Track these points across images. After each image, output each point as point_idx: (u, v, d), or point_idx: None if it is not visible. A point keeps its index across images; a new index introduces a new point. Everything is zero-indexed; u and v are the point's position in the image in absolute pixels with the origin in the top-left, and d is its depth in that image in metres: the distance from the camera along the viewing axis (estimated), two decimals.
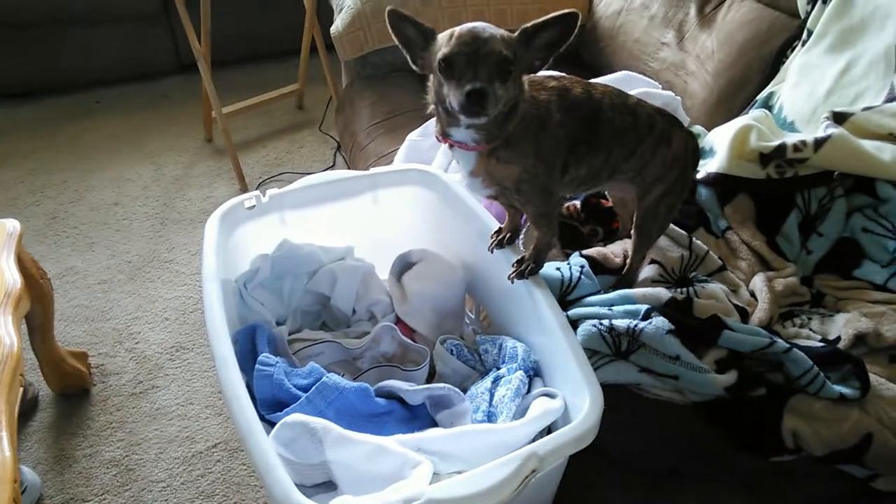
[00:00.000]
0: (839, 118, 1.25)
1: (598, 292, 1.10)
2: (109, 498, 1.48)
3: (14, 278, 1.33)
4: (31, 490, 1.45)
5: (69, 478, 1.52)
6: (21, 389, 1.34)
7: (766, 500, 1.02)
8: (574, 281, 1.08)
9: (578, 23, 0.85)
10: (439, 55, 0.84)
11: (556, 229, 1.04)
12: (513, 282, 1.03)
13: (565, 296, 1.09)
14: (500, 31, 0.85)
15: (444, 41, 0.85)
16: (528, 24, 0.86)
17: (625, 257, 1.15)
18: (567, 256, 1.18)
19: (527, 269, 1.03)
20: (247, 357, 1.02)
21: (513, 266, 1.04)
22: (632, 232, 1.12)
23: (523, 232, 1.15)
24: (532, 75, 0.96)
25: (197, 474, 1.53)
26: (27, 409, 1.65)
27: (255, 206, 1.14)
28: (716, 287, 1.12)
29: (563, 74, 1.04)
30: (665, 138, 1.05)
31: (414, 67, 0.92)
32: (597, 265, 1.12)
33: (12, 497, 0.98)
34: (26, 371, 1.63)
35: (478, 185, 0.99)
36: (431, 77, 0.90)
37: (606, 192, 1.24)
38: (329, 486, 0.92)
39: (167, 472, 1.53)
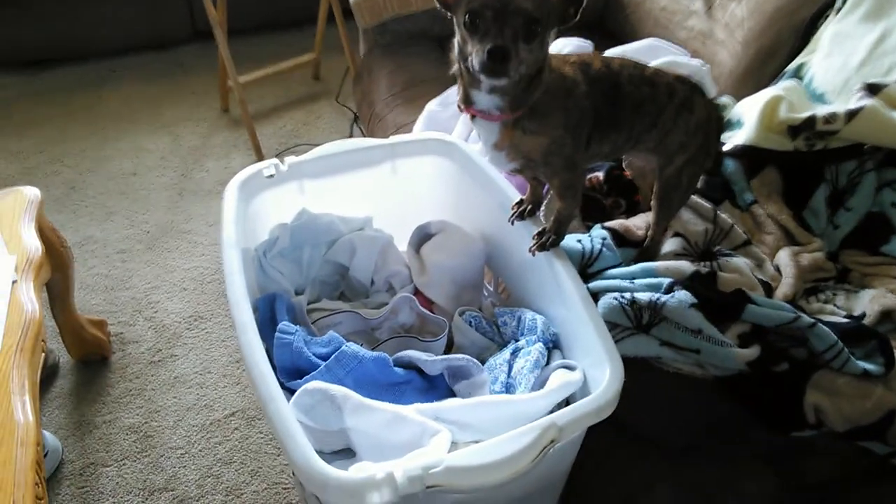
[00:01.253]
0: (873, 89, 1.21)
1: (619, 265, 1.08)
2: (129, 463, 1.50)
3: (35, 245, 1.33)
4: (53, 455, 1.48)
5: (89, 443, 1.55)
6: (42, 354, 1.35)
7: (786, 476, 1.01)
8: (595, 253, 1.07)
9: None
10: (466, 7, 0.80)
11: (581, 200, 1.02)
12: (534, 254, 1.02)
13: (586, 268, 1.07)
14: None
15: None
16: None
17: (647, 230, 1.14)
18: (588, 229, 1.16)
19: (548, 241, 1.01)
20: (266, 325, 1.03)
21: (533, 238, 1.03)
22: (652, 203, 1.10)
23: (545, 203, 1.13)
24: (553, 54, 0.94)
25: (215, 441, 1.55)
26: (48, 376, 1.68)
27: (274, 174, 1.13)
28: (740, 261, 1.10)
29: (581, 52, 1.01)
30: (687, 105, 1.03)
31: (439, 8, 0.87)
32: (618, 237, 1.11)
33: (35, 460, 1.00)
34: (47, 338, 1.65)
35: (502, 158, 0.96)
36: (457, 33, 0.87)
37: (624, 165, 1.22)
38: (348, 453, 0.92)
39: (185, 439, 1.55)
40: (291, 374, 0.96)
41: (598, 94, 0.95)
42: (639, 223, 1.16)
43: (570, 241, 1.08)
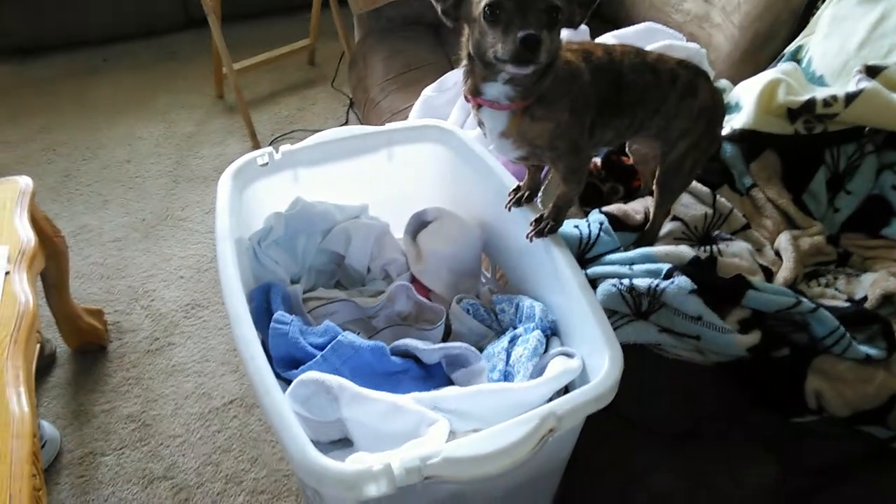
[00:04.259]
0: (872, 71, 1.20)
1: (617, 249, 1.08)
2: (128, 452, 1.50)
3: (28, 235, 1.32)
4: (51, 444, 1.48)
5: (88, 432, 1.54)
6: (38, 346, 1.34)
7: (786, 461, 1.01)
8: (593, 238, 1.06)
9: None
10: (484, 1, 0.79)
11: (583, 185, 1.01)
12: (531, 240, 1.01)
13: (584, 253, 1.06)
14: None
15: None
16: None
17: (646, 214, 1.13)
18: (586, 214, 1.15)
19: (546, 228, 1.00)
20: (262, 315, 1.02)
21: (531, 224, 1.02)
22: (654, 187, 1.09)
23: (542, 190, 1.12)
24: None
25: (214, 430, 1.54)
26: (45, 365, 1.67)
27: (267, 162, 1.12)
28: (740, 245, 1.10)
29: (582, 41, 1.00)
30: (690, 90, 1.02)
31: (444, 20, 0.88)
32: (617, 222, 1.10)
33: (32, 451, 0.99)
34: (43, 328, 1.64)
35: (508, 146, 0.95)
36: (467, 29, 0.86)
37: (627, 150, 1.21)
38: (345, 443, 0.92)
39: (184, 427, 1.55)
40: (288, 364, 0.96)
41: (601, 82, 0.94)
42: (637, 207, 1.15)
43: (568, 226, 1.07)
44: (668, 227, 1.12)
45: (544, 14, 0.78)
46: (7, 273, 1.24)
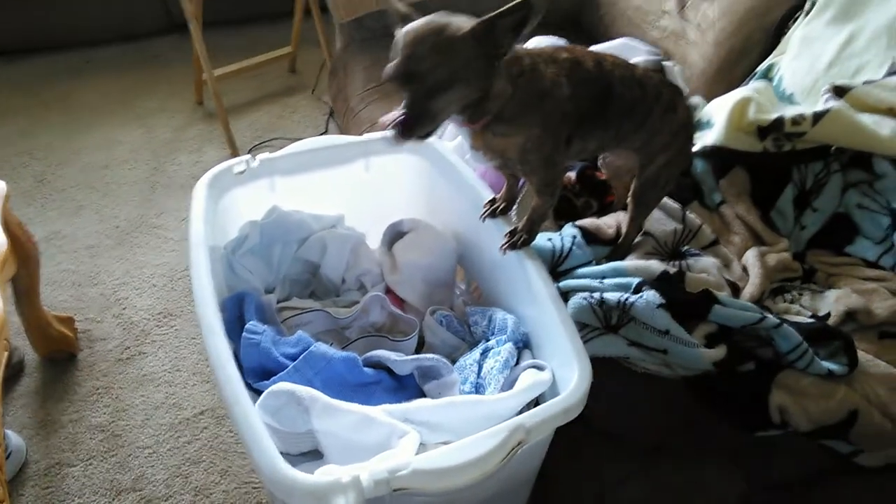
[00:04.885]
0: (839, 91, 1.23)
1: (590, 263, 1.09)
2: (95, 463, 1.48)
3: (0, 240, 1.30)
4: (16, 454, 1.45)
5: (55, 443, 1.52)
6: (6, 354, 1.32)
7: (753, 475, 1.03)
8: (566, 251, 1.07)
9: (540, 8, 0.78)
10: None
11: (556, 198, 1.03)
12: (504, 253, 1.02)
13: (557, 266, 1.08)
14: (444, 34, 0.79)
15: (394, 45, 0.81)
16: (485, 17, 0.80)
17: (618, 229, 1.14)
18: (560, 228, 1.16)
19: (519, 241, 1.01)
20: (234, 325, 1.01)
21: (505, 237, 1.03)
22: (629, 201, 1.11)
23: (517, 202, 1.13)
24: (543, 48, 0.94)
25: (184, 441, 1.53)
26: (13, 374, 1.64)
27: (244, 170, 1.12)
28: (708, 261, 1.12)
29: (575, 46, 1.01)
30: (672, 106, 1.05)
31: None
32: (589, 235, 1.11)
33: None
34: (12, 335, 1.61)
35: (480, 157, 0.97)
36: None
37: (601, 164, 1.22)
38: (315, 455, 0.92)
39: (154, 438, 1.53)
40: (259, 374, 0.95)
41: (585, 95, 0.95)
42: (610, 222, 1.16)
43: (541, 239, 1.08)
44: (639, 241, 1.13)
45: (431, 86, 0.78)
46: None
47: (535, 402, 0.95)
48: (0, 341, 1.17)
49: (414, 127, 0.80)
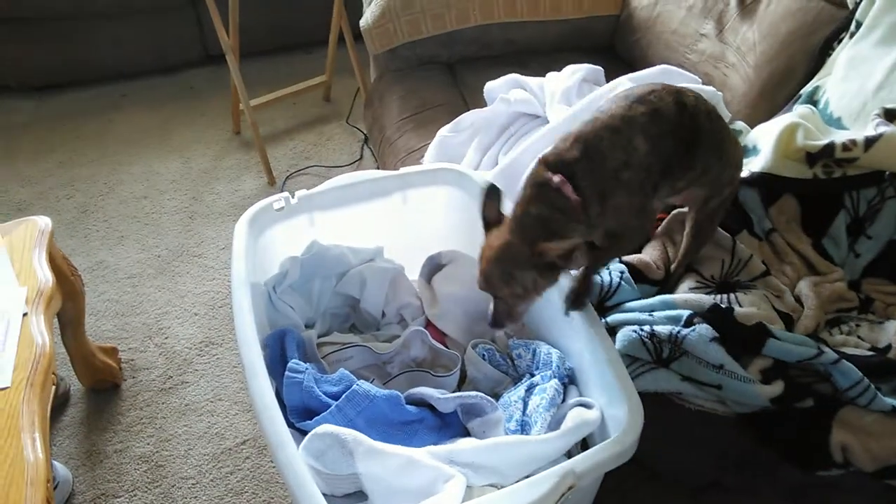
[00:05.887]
0: (890, 115, 1.19)
1: (637, 299, 1.06)
2: (140, 494, 1.49)
3: (46, 276, 1.33)
4: (63, 486, 1.47)
5: (100, 473, 1.53)
6: (53, 386, 1.34)
7: None
8: (614, 286, 1.05)
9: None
10: None
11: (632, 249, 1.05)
12: (567, 314, 0.97)
13: (604, 301, 1.05)
14: (506, 256, 0.88)
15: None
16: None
17: (666, 268, 1.12)
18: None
19: (581, 302, 0.96)
20: (276, 362, 1.01)
21: (568, 296, 0.97)
22: (686, 234, 1.10)
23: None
24: (613, 109, 0.91)
25: (226, 471, 1.53)
26: (59, 404, 1.67)
27: (283, 207, 1.12)
28: (759, 293, 1.08)
29: (654, 87, 0.96)
30: (735, 138, 1.05)
31: None
32: (636, 273, 1.09)
33: (45, 497, 0.99)
34: (58, 366, 1.64)
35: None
36: None
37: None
38: (360, 496, 0.90)
39: (196, 468, 1.54)
40: (302, 413, 0.95)
41: (668, 142, 0.92)
42: (658, 261, 1.14)
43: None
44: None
45: (503, 299, 0.92)
46: (25, 314, 1.24)
47: (584, 440, 0.93)
48: (48, 376, 1.18)
49: (503, 323, 0.95)
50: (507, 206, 0.94)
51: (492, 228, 0.92)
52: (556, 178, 0.86)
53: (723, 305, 1.03)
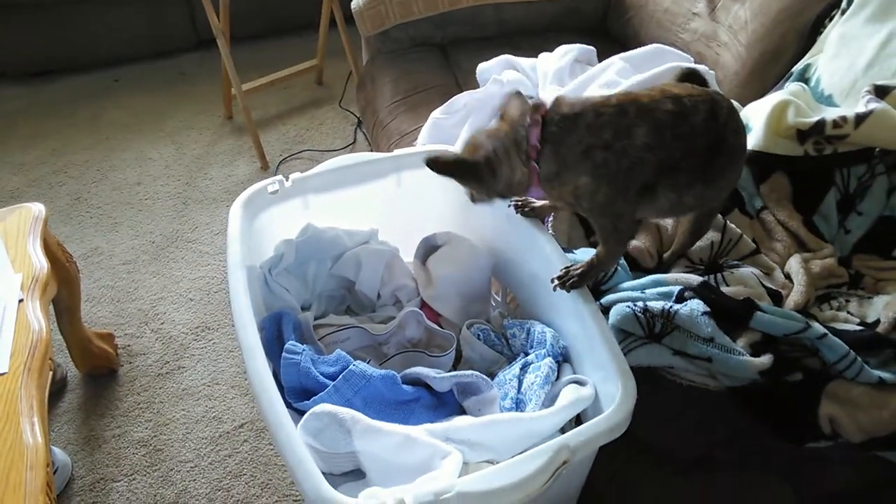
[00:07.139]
0: (881, 91, 1.20)
1: None
2: (139, 478, 1.50)
3: (41, 263, 1.33)
4: (62, 471, 1.48)
5: (99, 458, 1.55)
6: (50, 372, 1.35)
7: (801, 487, 1.00)
8: (610, 271, 1.06)
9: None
10: None
11: (621, 253, 1.01)
12: (555, 289, 0.98)
13: (600, 285, 1.06)
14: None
15: None
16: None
17: (659, 257, 1.13)
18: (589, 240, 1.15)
19: (569, 282, 0.97)
20: (273, 344, 1.02)
21: (560, 272, 0.99)
22: (685, 229, 1.10)
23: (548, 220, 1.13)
24: (653, 90, 0.90)
25: (224, 454, 1.54)
26: (56, 390, 1.68)
27: (277, 190, 1.13)
28: (746, 271, 1.09)
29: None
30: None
31: None
32: (631, 262, 1.10)
33: (45, 481, 1.00)
34: (54, 352, 1.65)
35: (545, 197, 1.03)
36: None
37: None
38: (357, 474, 0.92)
39: (195, 452, 1.55)
40: (299, 394, 0.96)
41: (681, 146, 0.89)
42: (651, 247, 1.15)
43: (585, 256, 1.06)
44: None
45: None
46: (20, 301, 1.25)
47: (577, 417, 0.94)
48: (45, 362, 1.19)
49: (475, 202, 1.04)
50: None
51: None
52: (532, 119, 0.90)
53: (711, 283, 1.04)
